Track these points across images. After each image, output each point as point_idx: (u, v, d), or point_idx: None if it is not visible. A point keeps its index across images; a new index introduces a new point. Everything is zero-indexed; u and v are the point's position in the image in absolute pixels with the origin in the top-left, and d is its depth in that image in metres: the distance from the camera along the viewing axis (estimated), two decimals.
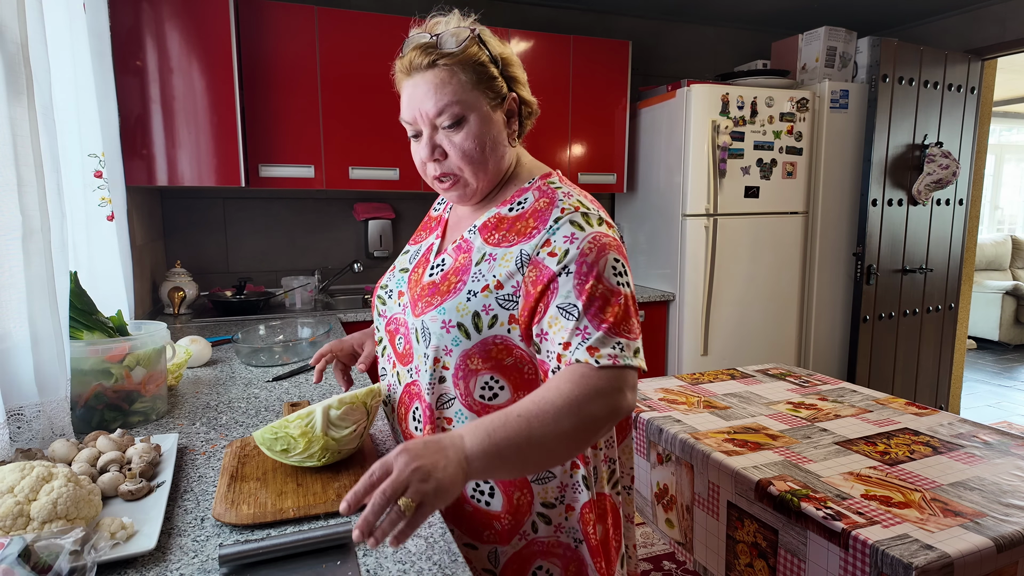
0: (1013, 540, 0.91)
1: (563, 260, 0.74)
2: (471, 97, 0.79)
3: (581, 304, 0.72)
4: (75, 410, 0.98)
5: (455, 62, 0.78)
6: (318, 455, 0.81)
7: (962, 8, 2.98)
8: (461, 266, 0.82)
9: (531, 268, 0.76)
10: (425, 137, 0.81)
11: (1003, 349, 5.11)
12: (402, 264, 0.94)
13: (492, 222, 0.84)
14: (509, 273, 0.77)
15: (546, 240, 0.77)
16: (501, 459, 0.62)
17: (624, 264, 0.77)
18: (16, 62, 0.90)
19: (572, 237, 0.75)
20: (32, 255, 0.91)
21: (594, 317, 0.72)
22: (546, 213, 0.79)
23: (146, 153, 2.00)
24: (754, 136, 2.62)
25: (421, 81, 0.79)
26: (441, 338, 0.79)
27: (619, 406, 0.69)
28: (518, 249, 0.78)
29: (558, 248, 0.75)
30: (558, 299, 0.74)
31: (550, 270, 0.75)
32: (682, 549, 1.31)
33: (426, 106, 0.79)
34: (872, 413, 1.42)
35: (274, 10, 2.18)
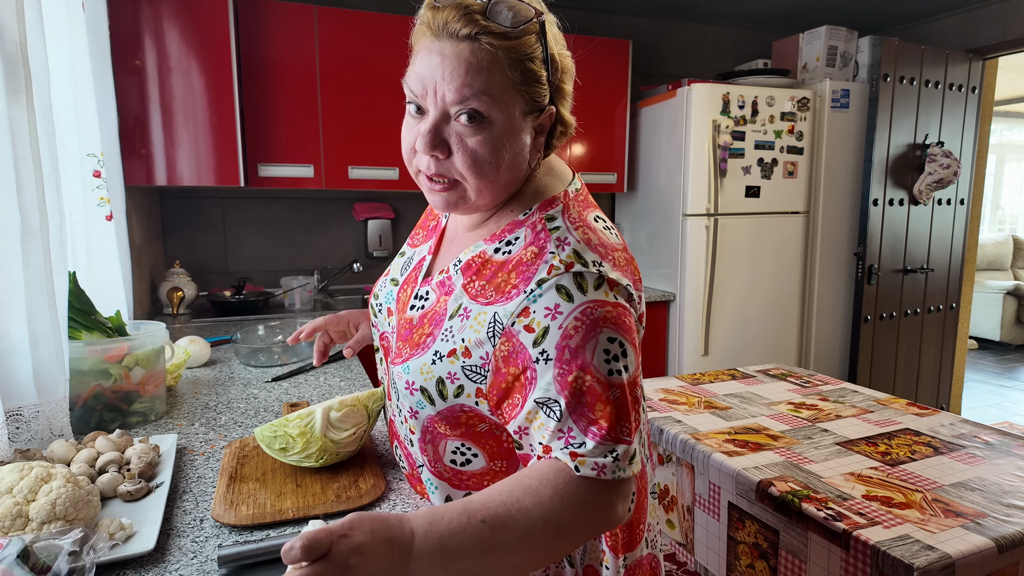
0: (1014, 541, 0.90)
1: (541, 342, 0.59)
2: (506, 96, 0.62)
3: (564, 402, 0.57)
4: (74, 410, 0.98)
5: (503, 46, 0.61)
6: (316, 456, 0.81)
7: (963, 8, 2.97)
8: (437, 312, 0.68)
9: (503, 340, 0.61)
10: (430, 122, 0.62)
11: (1004, 349, 5.10)
12: (395, 272, 0.81)
13: (476, 262, 0.67)
14: (479, 340, 0.62)
15: (524, 309, 0.60)
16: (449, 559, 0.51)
17: (624, 341, 0.60)
18: (15, 61, 0.89)
19: (555, 310, 0.59)
20: (31, 255, 0.91)
21: (580, 418, 0.57)
22: (531, 268, 0.62)
23: (145, 153, 2.00)
24: (755, 136, 2.62)
25: (451, 52, 0.61)
26: (407, 398, 0.68)
27: (605, 520, 0.57)
28: (492, 312, 0.62)
29: (536, 322, 0.59)
30: (536, 392, 0.59)
31: (526, 352, 0.59)
32: (683, 550, 1.31)
33: (447, 86, 0.61)
34: (873, 413, 1.42)
35: (273, 9, 2.17)
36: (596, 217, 0.69)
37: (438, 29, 0.62)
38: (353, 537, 0.48)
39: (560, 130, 0.71)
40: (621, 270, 0.64)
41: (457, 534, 0.52)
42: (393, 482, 0.83)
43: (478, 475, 0.69)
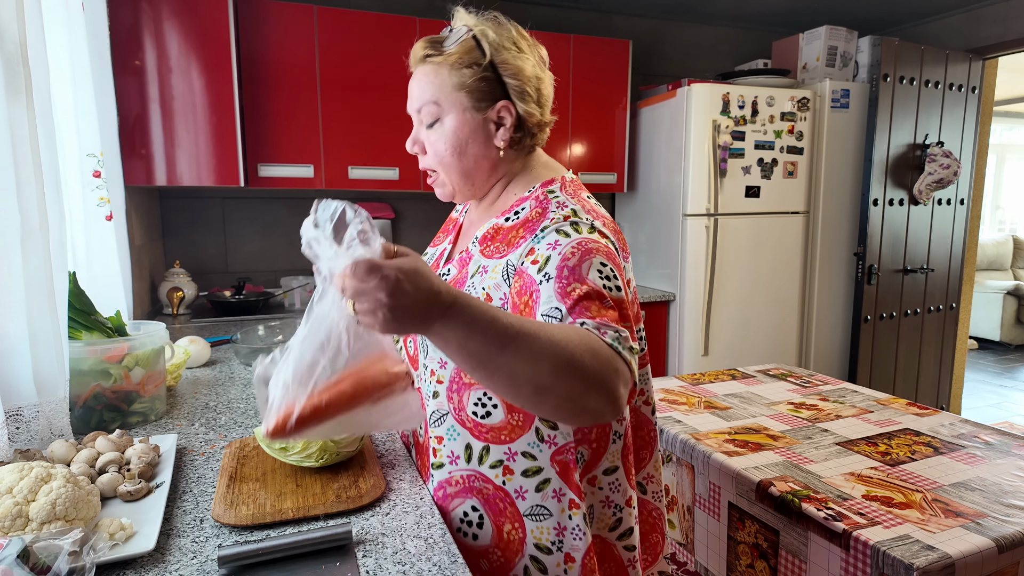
0: (1014, 540, 0.90)
1: (544, 267, 0.68)
2: (450, 98, 0.77)
3: (565, 308, 0.64)
4: (74, 411, 0.98)
5: (443, 61, 0.77)
6: (316, 455, 0.81)
7: (963, 7, 2.97)
8: (459, 279, 0.79)
9: (516, 278, 0.71)
10: (414, 130, 0.83)
11: (1004, 349, 5.10)
12: None
13: (490, 233, 0.80)
14: (496, 284, 0.73)
15: (530, 249, 0.72)
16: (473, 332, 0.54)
17: (615, 270, 0.69)
18: (14, 62, 0.89)
19: (555, 244, 0.70)
20: (31, 255, 0.91)
21: (581, 314, 0.63)
22: (536, 223, 0.75)
23: (145, 153, 2.00)
24: (755, 136, 2.62)
25: (415, 75, 0.80)
26: (437, 351, 0.76)
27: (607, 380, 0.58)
28: (504, 261, 0.74)
29: (540, 256, 0.70)
30: (541, 308, 0.66)
31: (532, 279, 0.68)
32: (683, 550, 1.31)
33: (412, 101, 0.81)
34: (873, 413, 1.42)
35: (273, 9, 2.17)
36: (588, 195, 0.83)
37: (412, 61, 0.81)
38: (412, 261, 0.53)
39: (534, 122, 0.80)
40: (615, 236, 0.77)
41: (489, 320, 0.55)
42: (393, 482, 0.83)
43: (496, 428, 0.74)
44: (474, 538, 0.75)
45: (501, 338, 0.55)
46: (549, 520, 0.73)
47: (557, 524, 0.73)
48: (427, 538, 0.69)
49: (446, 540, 0.69)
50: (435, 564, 0.64)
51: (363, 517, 0.74)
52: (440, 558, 0.65)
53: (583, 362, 0.57)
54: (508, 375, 0.56)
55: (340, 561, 0.64)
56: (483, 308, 0.56)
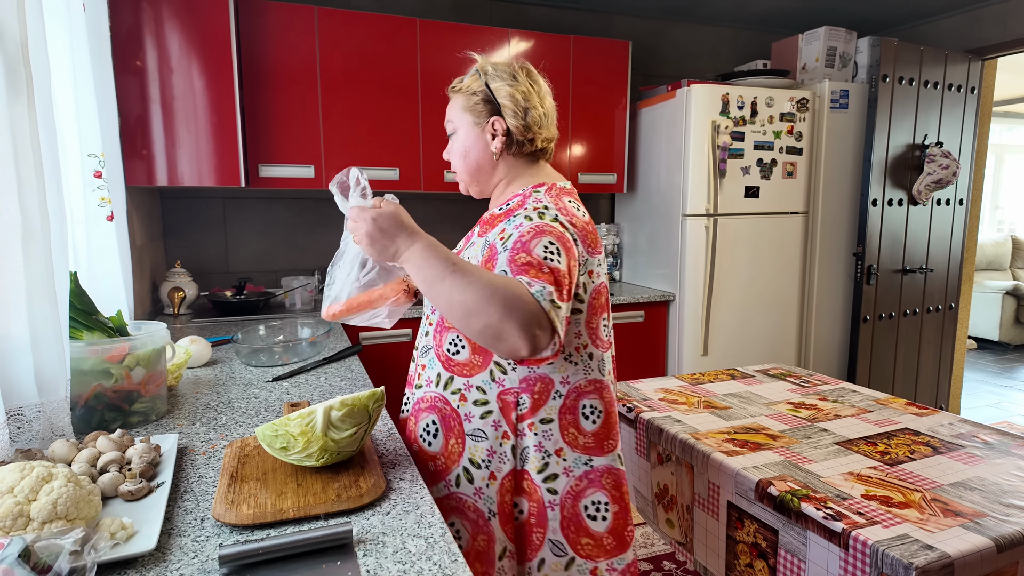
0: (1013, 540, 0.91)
1: (506, 241, 0.88)
2: (460, 118, 1.03)
3: (510, 271, 0.82)
4: (75, 410, 0.98)
5: (458, 91, 1.04)
6: (316, 455, 0.81)
7: (962, 8, 2.98)
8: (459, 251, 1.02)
9: (487, 250, 0.92)
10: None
11: (1003, 349, 5.11)
12: None
13: (487, 219, 1.00)
14: (476, 254, 0.95)
15: (502, 229, 0.92)
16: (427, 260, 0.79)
17: (561, 250, 0.85)
18: (16, 62, 0.90)
19: (519, 226, 0.89)
20: (32, 255, 0.91)
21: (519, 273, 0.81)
22: (514, 211, 0.94)
23: (146, 153, 2.00)
24: (754, 136, 2.62)
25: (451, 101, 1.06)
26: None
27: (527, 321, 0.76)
28: (486, 238, 0.95)
29: (507, 233, 0.90)
30: (497, 265, 0.86)
31: (496, 249, 0.89)
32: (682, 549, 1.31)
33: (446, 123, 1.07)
34: (872, 413, 1.42)
35: (274, 10, 2.18)
36: (570, 200, 0.98)
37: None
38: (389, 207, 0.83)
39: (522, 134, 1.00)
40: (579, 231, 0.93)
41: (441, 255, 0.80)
42: (393, 482, 0.83)
43: (461, 364, 0.95)
44: (429, 444, 0.97)
45: (445, 269, 0.78)
46: (484, 442, 0.93)
47: (490, 448, 0.93)
48: (427, 537, 0.69)
49: (446, 539, 0.69)
50: (435, 563, 0.64)
51: (364, 516, 0.74)
52: (440, 557, 0.65)
53: (504, 298, 0.76)
54: (447, 299, 0.77)
55: (341, 560, 0.64)
56: (437, 246, 0.81)
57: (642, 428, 1.41)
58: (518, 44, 2.54)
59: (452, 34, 2.43)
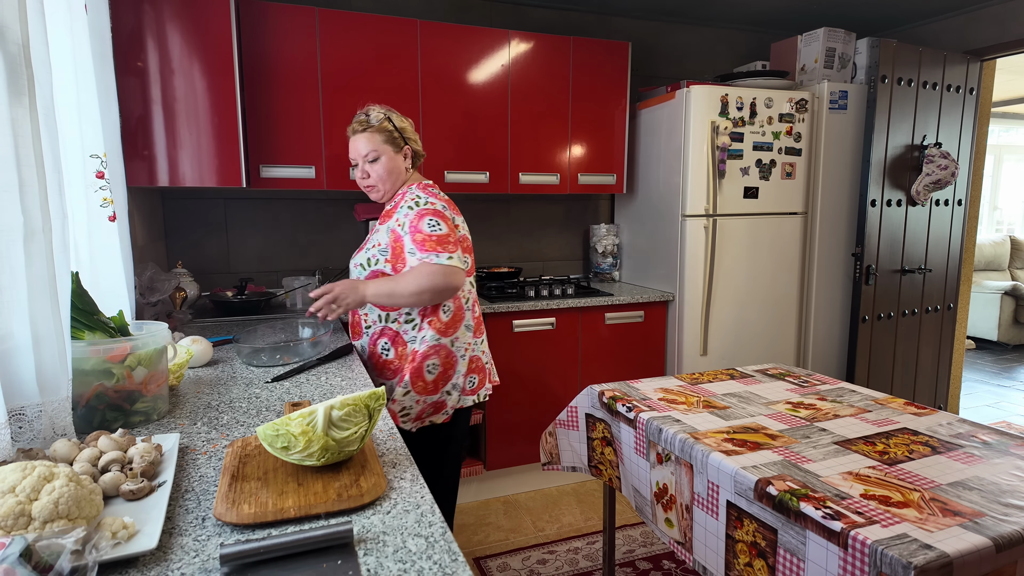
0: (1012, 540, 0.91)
1: (404, 226, 1.49)
2: (382, 146, 1.56)
3: (415, 247, 1.45)
4: (76, 410, 0.98)
5: (375, 131, 1.56)
6: (317, 455, 0.81)
7: (961, 9, 2.98)
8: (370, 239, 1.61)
9: (391, 233, 1.53)
10: (359, 167, 1.59)
11: (1002, 349, 5.11)
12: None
13: (385, 214, 1.60)
14: (383, 237, 1.55)
15: (396, 219, 1.52)
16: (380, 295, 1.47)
17: (440, 221, 1.48)
18: (17, 63, 0.90)
19: (407, 215, 1.50)
20: (34, 256, 0.91)
21: (419, 247, 1.44)
22: (397, 206, 1.55)
23: (147, 154, 2.00)
24: (753, 137, 2.63)
25: (360, 137, 1.56)
26: (355, 271, 1.61)
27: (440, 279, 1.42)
28: (387, 226, 1.55)
29: (401, 221, 1.50)
30: (406, 247, 1.47)
31: (399, 234, 1.50)
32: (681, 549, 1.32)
33: (360, 150, 1.57)
34: (871, 413, 1.43)
35: (275, 11, 2.18)
36: (432, 188, 1.60)
37: (353, 131, 1.58)
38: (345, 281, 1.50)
39: (417, 155, 1.65)
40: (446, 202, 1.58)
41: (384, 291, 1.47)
42: (394, 481, 0.84)
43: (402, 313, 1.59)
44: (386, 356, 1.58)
45: (389, 295, 1.46)
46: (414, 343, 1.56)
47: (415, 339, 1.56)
48: (428, 536, 0.70)
49: (447, 539, 0.69)
50: (436, 563, 0.65)
51: (364, 516, 0.74)
52: (441, 556, 0.66)
53: (421, 286, 1.42)
54: (398, 304, 1.50)
55: (341, 559, 0.65)
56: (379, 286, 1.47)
57: (641, 428, 1.42)
58: (518, 45, 2.54)
59: (452, 35, 2.43)
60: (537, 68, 2.58)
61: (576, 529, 2.29)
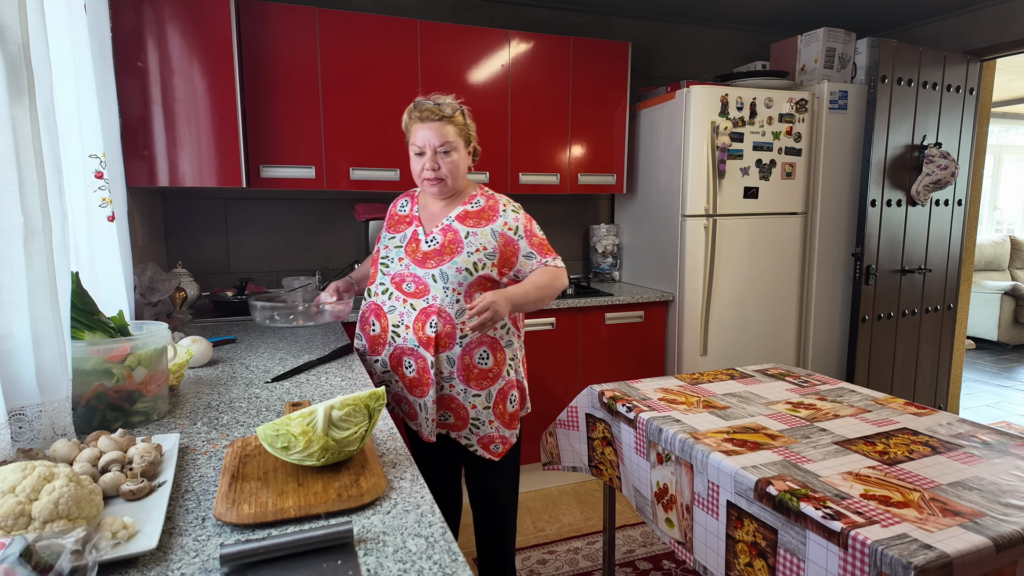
0: (1012, 540, 0.91)
1: (516, 230, 1.49)
2: (457, 140, 1.45)
3: (534, 251, 1.49)
4: (76, 410, 0.98)
5: (452, 122, 1.44)
6: (317, 455, 0.81)
7: (961, 9, 2.98)
8: (453, 240, 1.46)
9: (500, 237, 1.47)
10: (428, 156, 1.44)
11: (1002, 349, 5.11)
12: (394, 244, 1.53)
13: (463, 215, 1.49)
14: (487, 240, 1.46)
15: (504, 222, 1.48)
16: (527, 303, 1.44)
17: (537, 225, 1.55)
18: (17, 63, 0.90)
19: (516, 218, 1.50)
20: (33, 256, 0.91)
21: (538, 250, 1.50)
22: (495, 208, 1.50)
23: (147, 154, 2.00)
24: (753, 137, 2.63)
25: (434, 126, 1.43)
26: (455, 277, 1.43)
27: (562, 282, 1.50)
28: (489, 228, 1.47)
29: (511, 225, 1.48)
30: (522, 251, 1.48)
31: (511, 238, 1.48)
32: (681, 549, 1.32)
33: (434, 140, 1.43)
34: (871, 413, 1.43)
35: (275, 11, 2.18)
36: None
37: (423, 118, 1.44)
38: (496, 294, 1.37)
39: (476, 156, 1.56)
40: None
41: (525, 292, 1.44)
42: (394, 481, 0.84)
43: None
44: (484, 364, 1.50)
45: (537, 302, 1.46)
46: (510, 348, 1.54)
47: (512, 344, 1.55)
48: (428, 536, 0.70)
49: (447, 539, 0.69)
50: (436, 563, 0.65)
51: (364, 516, 0.74)
52: (441, 556, 0.66)
53: (556, 289, 1.49)
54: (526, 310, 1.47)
55: (341, 560, 0.65)
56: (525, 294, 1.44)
57: (641, 428, 1.42)
58: (518, 45, 2.54)
59: (452, 35, 2.43)
60: (537, 68, 2.58)
61: (576, 529, 2.29)
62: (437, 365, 1.45)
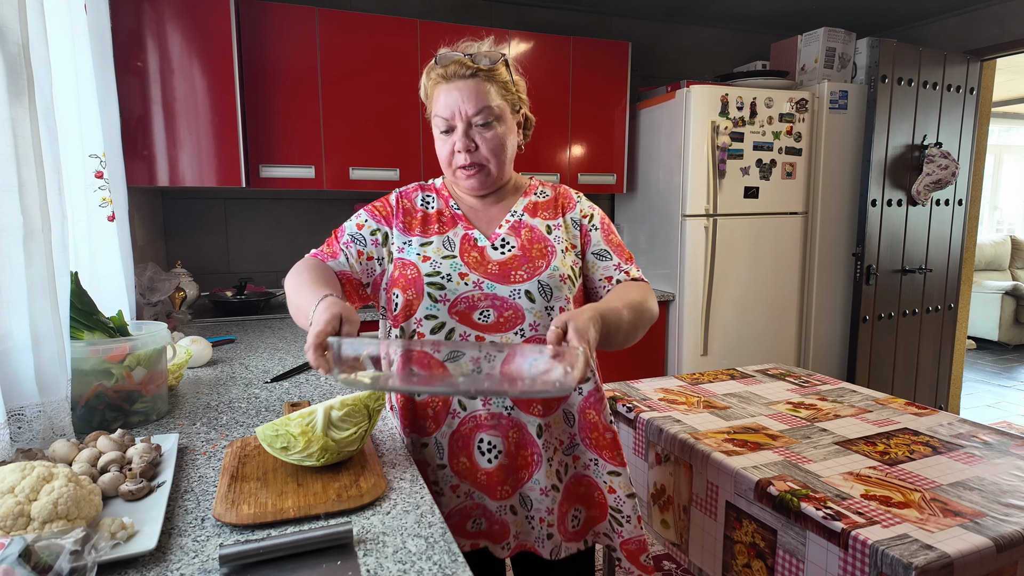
0: (1013, 540, 0.91)
1: (592, 219, 1.07)
2: (500, 105, 0.97)
3: (612, 251, 1.06)
4: (76, 410, 0.98)
5: (490, 77, 0.96)
6: (317, 455, 0.81)
7: (961, 9, 2.98)
8: (535, 238, 1.02)
9: (580, 228, 1.07)
10: (460, 131, 0.96)
11: (1002, 349, 5.11)
12: (442, 253, 1.00)
13: (531, 206, 1.07)
14: (574, 236, 1.06)
15: (580, 209, 1.08)
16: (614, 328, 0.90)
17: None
18: (17, 63, 0.90)
19: (591, 207, 1.09)
20: (33, 256, 0.91)
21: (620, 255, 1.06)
22: (568, 195, 1.10)
23: (147, 154, 2.00)
24: (753, 137, 2.62)
25: (463, 86, 0.94)
26: (560, 289, 0.98)
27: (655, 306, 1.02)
28: (568, 217, 1.07)
29: (587, 213, 1.08)
30: (593, 247, 1.06)
31: (586, 227, 1.07)
32: (677, 551, 1.31)
33: (466, 106, 0.95)
34: (872, 413, 1.42)
35: (275, 11, 2.18)
36: None
37: (449, 76, 0.95)
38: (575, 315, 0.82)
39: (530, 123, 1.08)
40: None
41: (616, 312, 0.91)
42: (394, 481, 0.83)
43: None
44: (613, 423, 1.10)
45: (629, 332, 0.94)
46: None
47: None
48: (428, 537, 0.70)
49: (447, 539, 0.69)
50: (435, 563, 0.64)
51: (364, 516, 0.74)
52: (440, 557, 0.66)
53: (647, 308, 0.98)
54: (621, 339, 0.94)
55: (341, 560, 0.64)
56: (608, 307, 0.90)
57: (641, 428, 1.42)
58: (518, 45, 2.54)
59: (452, 35, 2.43)
60: (537, 68, 2.58)
61: None
62: (548, 432, 0.98)
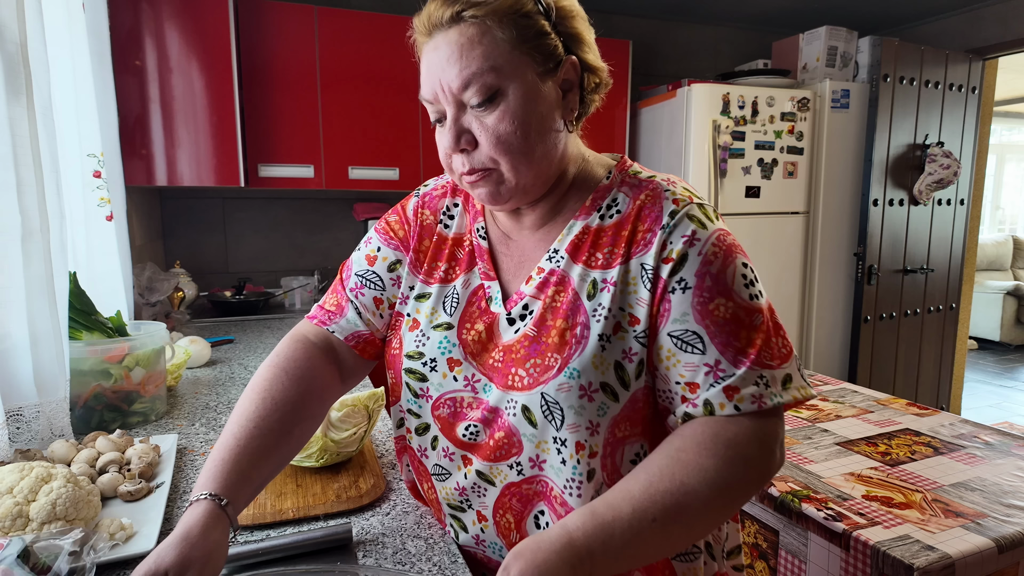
0: (1014, 541, 0.90)
1: (679, 269, 0.56)
2: (510, 61, 0.56)
3: (705, 332, 0.55)
4: (74, 411, 0.98)
5: (487, 12, 0.56)
6: (316, 456, 0.81)
7: (963, 8, 2.97)
8: (561, 308, 0.60)
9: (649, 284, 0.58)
10: (449, 119, 0.59)
11: (1004, 349, 5.10)
12: (435, 319, 0.65)
13: (586, 238, 0.61)
14: (634, 298, 0.58)
15: (663, 243, 0.57)
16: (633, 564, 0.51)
17: (753, 267, 0.60)
18: (15, 62, 0.89)
19: (692, 237, 0.57)
20: (31, 256, 0.91)
21: (727, 348, 0.54)
22: (655, 208, 0.59)
23: (145, 153, 2.00)
24: (755, 136, 2.62)
25: (443, 42, 0.58)
26: (580, 411, 0.57)
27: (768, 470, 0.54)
28: (638, 263, 0.58)
29: (675, 251, 0.57)
30: (668, 326, 0.56)
31: (663, 282, 0.56)
32: None
33: (448, 76, 0.57)
34: (873, 414, 1.42)
35: (273, 10, 2.18)
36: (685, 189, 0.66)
37: (427, 27, 0.60)
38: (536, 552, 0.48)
39: (593, 81, 0.65)
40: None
41: (632, 543, 0.50)
42: (393, 482, 0.83)
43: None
44: None
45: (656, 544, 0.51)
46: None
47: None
48: (427, 538, 0.69)
49: (446, 540, 0.69)
50: (435, 564, 0.64)
51: (363, 517, 0.74)
52: (440, 558, 0.65)
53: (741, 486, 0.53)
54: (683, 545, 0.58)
55: (340, 561, 0.64)
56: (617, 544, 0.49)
57: None
58: None
59: None
60: None
61: None
62: None
